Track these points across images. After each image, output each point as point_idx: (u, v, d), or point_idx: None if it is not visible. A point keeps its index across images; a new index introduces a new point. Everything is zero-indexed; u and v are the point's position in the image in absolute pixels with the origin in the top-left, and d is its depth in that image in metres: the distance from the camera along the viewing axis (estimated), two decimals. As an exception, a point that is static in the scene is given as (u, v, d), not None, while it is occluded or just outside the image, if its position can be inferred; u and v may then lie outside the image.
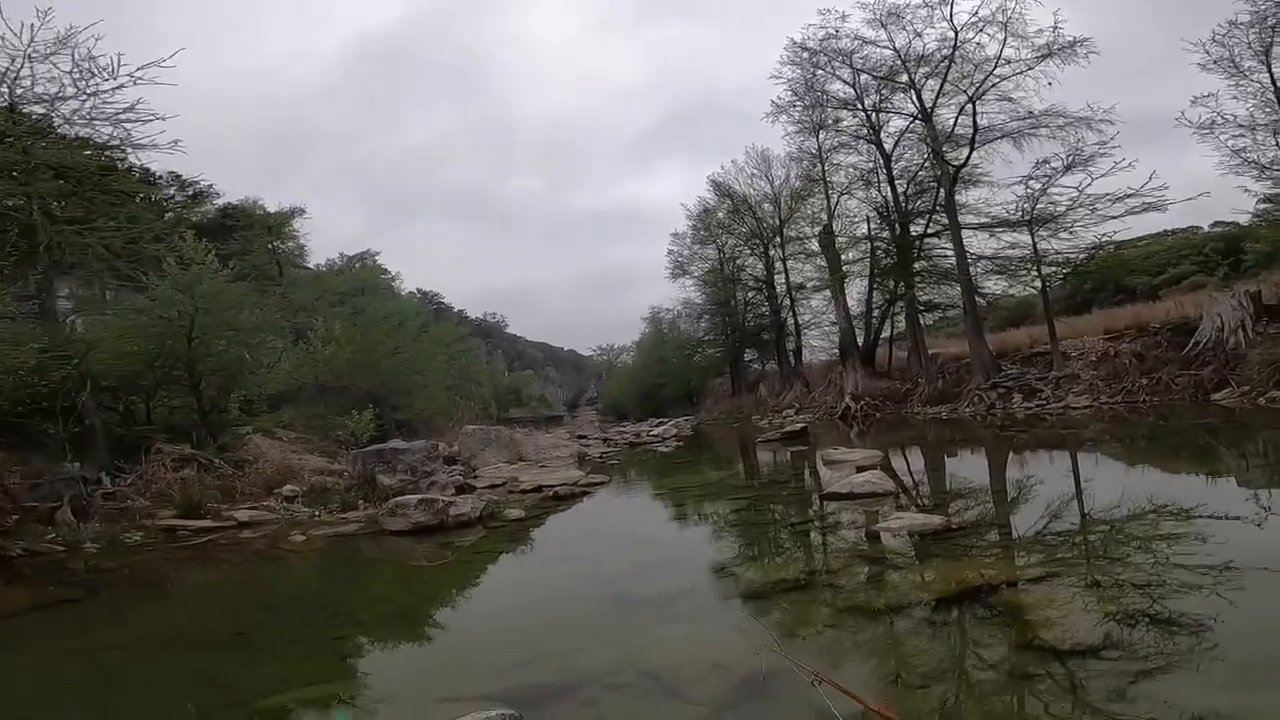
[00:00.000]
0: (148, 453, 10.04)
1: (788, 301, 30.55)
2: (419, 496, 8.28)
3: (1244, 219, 20.83)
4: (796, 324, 30.51)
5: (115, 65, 10.08)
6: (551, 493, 9.88)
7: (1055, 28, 18.45)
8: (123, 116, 10.42)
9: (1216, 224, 29.90)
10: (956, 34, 19.82)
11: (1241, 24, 15.10)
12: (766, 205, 30.17)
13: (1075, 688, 2.61)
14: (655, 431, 25.91)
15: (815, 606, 4.02)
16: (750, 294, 33.55)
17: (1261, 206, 17.46)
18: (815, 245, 27.39)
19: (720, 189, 31.73)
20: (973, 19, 19.50)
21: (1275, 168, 15.32)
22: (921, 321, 23.56)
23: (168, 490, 9.29)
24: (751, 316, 33.51)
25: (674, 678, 3.13)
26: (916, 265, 23.04)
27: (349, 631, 4.53)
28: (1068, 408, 16.37)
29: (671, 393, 41.14)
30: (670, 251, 35.59)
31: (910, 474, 9.82)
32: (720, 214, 32.73)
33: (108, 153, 11.61)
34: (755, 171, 30.00)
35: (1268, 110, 15.25)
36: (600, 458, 16.42)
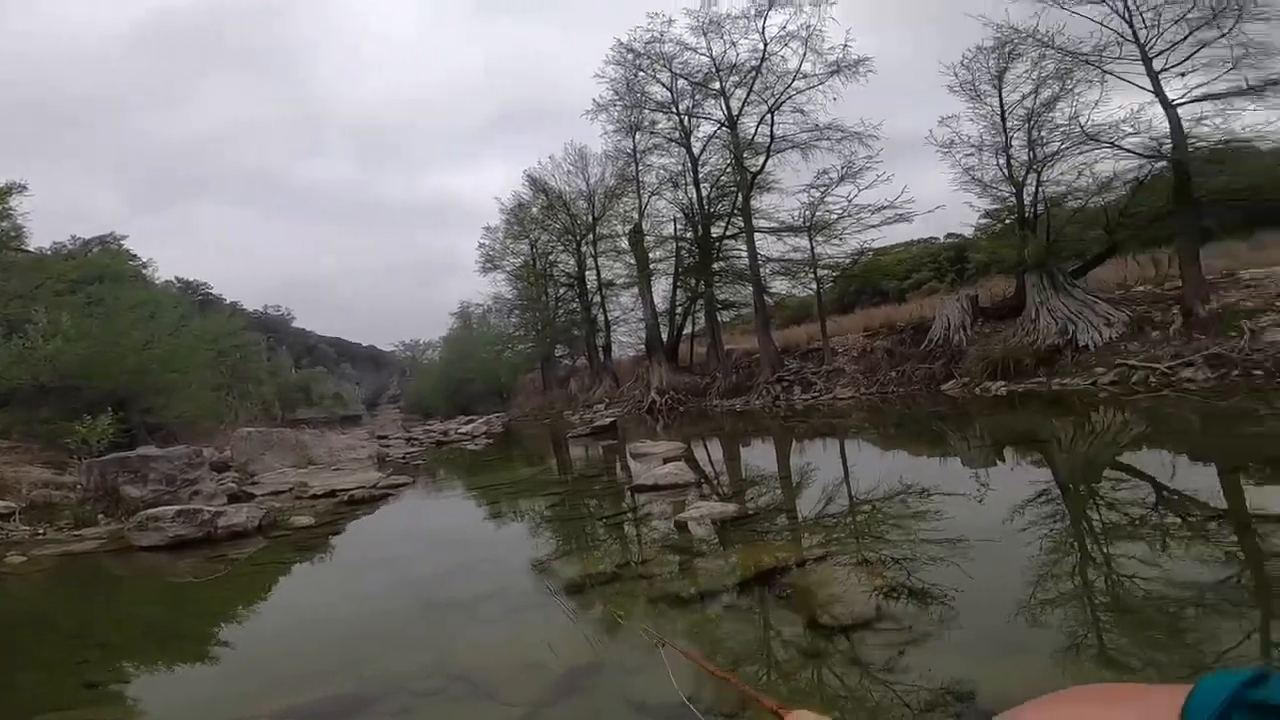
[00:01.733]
0: None
1: (598, 298, 31.19)
2: (177, 508, 7.32)
3: (968, 231, 24.12)
4: (606, 320, 31.28)
5: None
6: (347, 497, 9.21)
7: (845, 45, 20.45)
8: None
9: (950, 235, 34.64)
10: (765, 46, 21.40)
11: (985, 49, 16.71)
12: (581, 202, 30.50)
13: (855, 661, 2.96)
14: (464, 429, 25.19)
15: (629, 598, 4.19)
16: (562, 290, 33.72)
17: (982, 221, 20.16)
18: (625, 244, 28.24)
19: (536, 184, 31.50)
20: (781, 33, 21.17)
21: (994, 186, 17.29)
22: (719, 319, 25.35)
23: None
24: (563, 312, 33.71)
25: (488, 679, 3.10)
26: (716, 265, 24.72)
27: (94, 655, 3.93)
28: (835, 399, 18.53)
29: (481, 389, 40.13)
30: (481, 245, 34.71)
31: (711, 464, 10.54)
32: (535, 209, 32.50)
33: None
34: (572, 168, 30.21)
35: (994, 132, 17.01)
36: (404, 458, 15.60)
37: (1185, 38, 13.83)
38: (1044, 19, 15.35)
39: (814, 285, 22.67)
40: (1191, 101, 13.91)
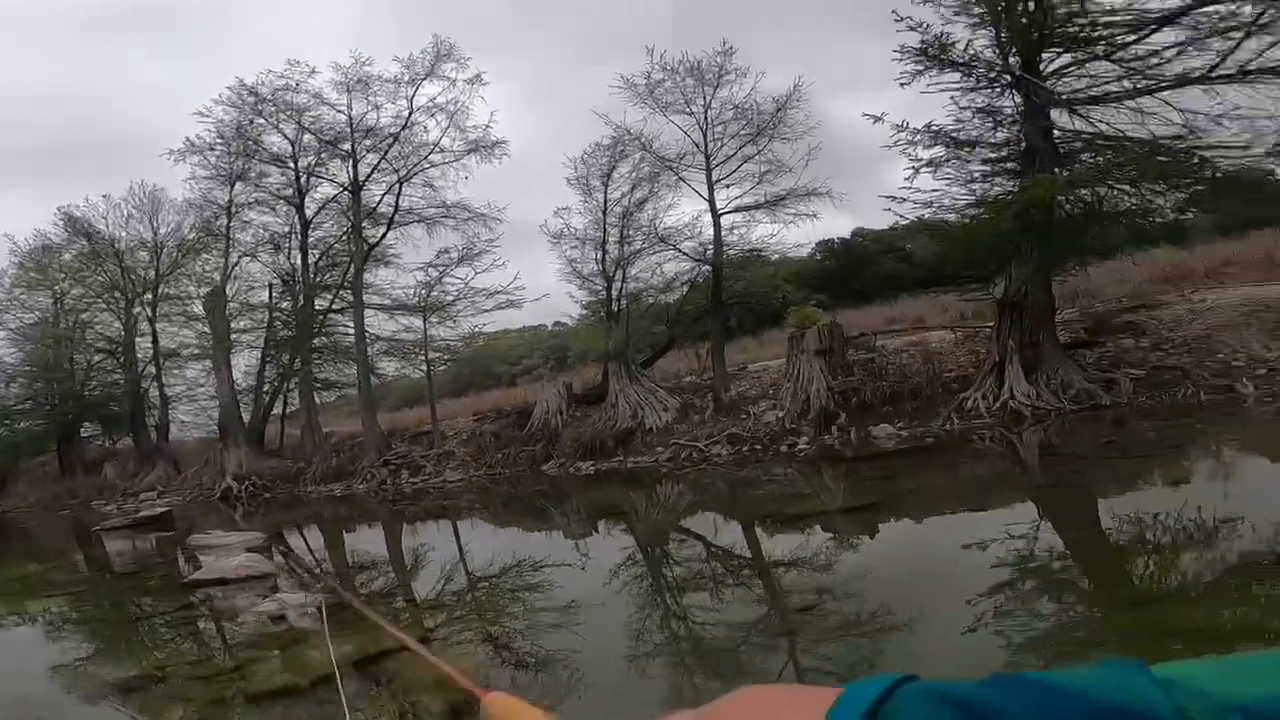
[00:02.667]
0: None
1: (153, 369, 25.66)
2: None
3: (570, 321, 25.61)
4: (163, 395, 25.82)
5: None
6: None
7: (488, 126, 20.68)
8: None
9: (557, 323, 35.69)
10: (410, 114, 20.71)
11: (603, 146, 17.72)
12: (143, 254, 25.03)
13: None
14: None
15: (171, 703, 3.62)
16: (98, 357, 26.82)
17: (582, 312, 21.73)
18: (200, 308, 24.09)
19: (76, 225, 24.80)
20: (430, 103, 20.67)
21: (591, 279, 18.44)
22: (318, 399, 23.25)
23: None
24: (96, 384, 26.73)
25: None
26: (317, 341, 22.81)
27: None
28: (446, 481, 18.55)
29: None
30: (-26, 293, 25.62)
31: (311, 552, 9.58)
32: (68, 255, 25.52)
33: None
34: (136, 212, 24.71)
35: (595, 227, 17.97)
36: None
37: (735, 153, 16.91)
38: (650, 123, 17.77)
39: (425, 367, 22.55)
40: (729, 212, 17.14)
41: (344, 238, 22.17)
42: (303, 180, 21.84)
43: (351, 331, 22.05)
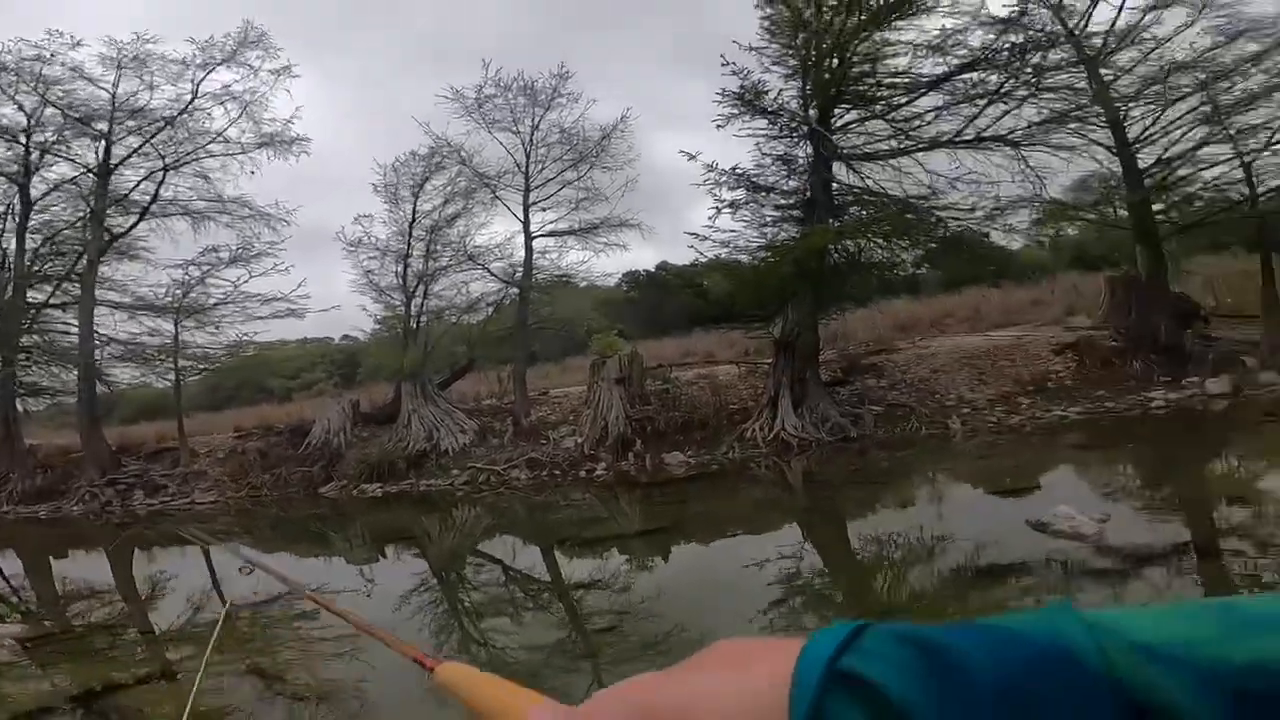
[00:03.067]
0: None
1: None
2: None
3: (362, 335, 23.75)
4: None
5: None
6: None
7: (289, 120, 18.67)
8: None
9: (345, 337, 33.44)
10: (194, 99, 17.96)
11: (419, 155, 16.95)
12: None
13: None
14: None
15: None
16: None
17: (375, 326, 20.01)
18: None
19: None
20: (223, 90, 18.10)
21: (389, 293, 17.46)
22: (22, 407, 19.02)
23: None
24: None
25: None
26: (26, 339, 18.75)
27: None
28: (194, 503, 16.22)
29: None
30: None
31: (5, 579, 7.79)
32: None
33: None
34: None
35: (400, 239, 17.17)
36: None
37: (556, 176, 16.79)
38: (473, 138, 17.19)
39: (173, 376, 19.45)
40: (543, 235, 16.97)
41: (78, 224, 18.68)
42: (34, 156, 18.17)
43: (75, 330, 18.49)
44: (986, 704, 0.27)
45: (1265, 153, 12.62)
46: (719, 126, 13.63)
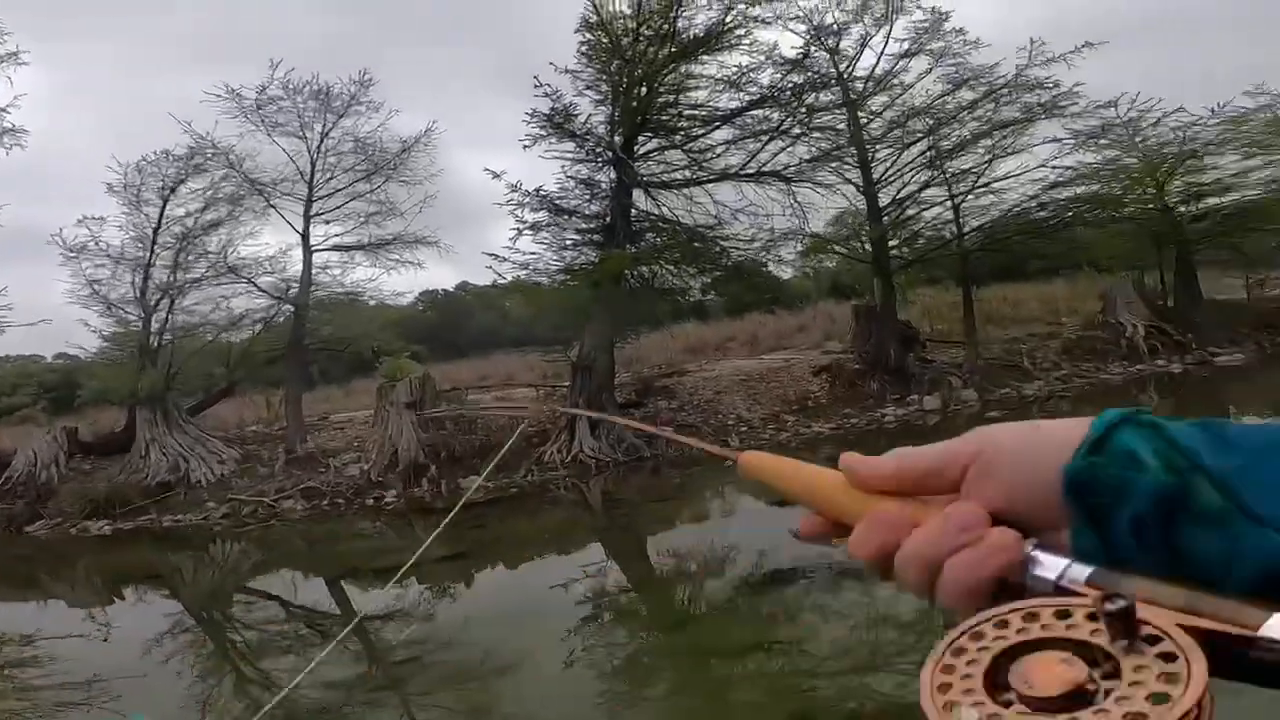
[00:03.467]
0: None
1: None
2: None
3: (83, 353, 19.07)
4: None
5: None
6: None
7: (5, 109, 14.47)
8: None
9: (61, 355, 27.99)
10: None
11: (174, 156, 14.83)
12: None
13: None
14: None
15: None
16: None
17: (102, 344, 16.85)
18: None
19: None
20: None
21: (121, 306, 15.28)
22: None
23: None
24: None
25: None
26: None
27: None
28: None
29: None
30: None
31: None
32: None
33: None
34: None
35: (140, 246, 14.99)
36: None
37: (346, 187, 15.57)
38: (246, 140, 14.91)
39: None
40: (326, 249, 15.71)
41: None
42: None
43: None
44: (1255, 452, 0.36)
45: (970, 196, 14.99)
46: (526, 146, 13.78)
